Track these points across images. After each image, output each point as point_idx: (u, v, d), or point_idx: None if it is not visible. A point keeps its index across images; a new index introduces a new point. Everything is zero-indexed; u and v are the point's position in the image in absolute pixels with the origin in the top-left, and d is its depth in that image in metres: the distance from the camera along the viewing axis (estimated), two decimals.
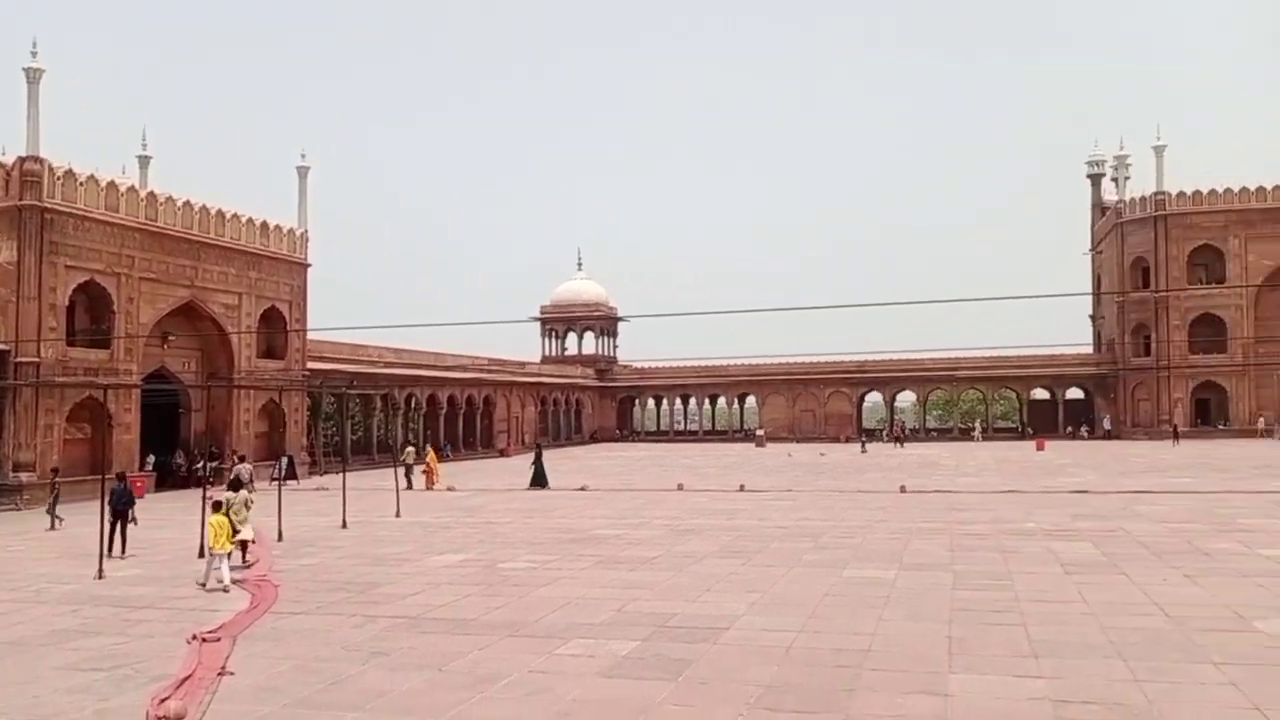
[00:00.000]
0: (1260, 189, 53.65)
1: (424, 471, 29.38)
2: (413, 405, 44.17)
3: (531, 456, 30.66)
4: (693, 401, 68.71)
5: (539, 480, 28.35)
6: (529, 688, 7.65)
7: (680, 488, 26.99)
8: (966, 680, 7.62)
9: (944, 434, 63.99)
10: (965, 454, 42.54)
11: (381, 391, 39.62)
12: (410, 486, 26.93)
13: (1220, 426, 53.00)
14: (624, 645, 8.93)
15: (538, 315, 68.26)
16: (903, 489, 25.18)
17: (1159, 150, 54.33)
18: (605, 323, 68.86)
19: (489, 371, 51.26)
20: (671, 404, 69.48)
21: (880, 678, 7.75)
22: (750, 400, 66.95)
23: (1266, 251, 53.03)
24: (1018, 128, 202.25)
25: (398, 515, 20.48)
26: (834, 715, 6.85)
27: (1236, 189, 54.03)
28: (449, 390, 47.16)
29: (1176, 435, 49.63)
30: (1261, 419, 51.92)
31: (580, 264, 70.75)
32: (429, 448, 33.33)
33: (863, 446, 48.94)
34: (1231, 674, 7.60)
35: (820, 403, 63.12)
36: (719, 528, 17.97)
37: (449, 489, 28.14)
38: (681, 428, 73.06)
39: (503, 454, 49.29)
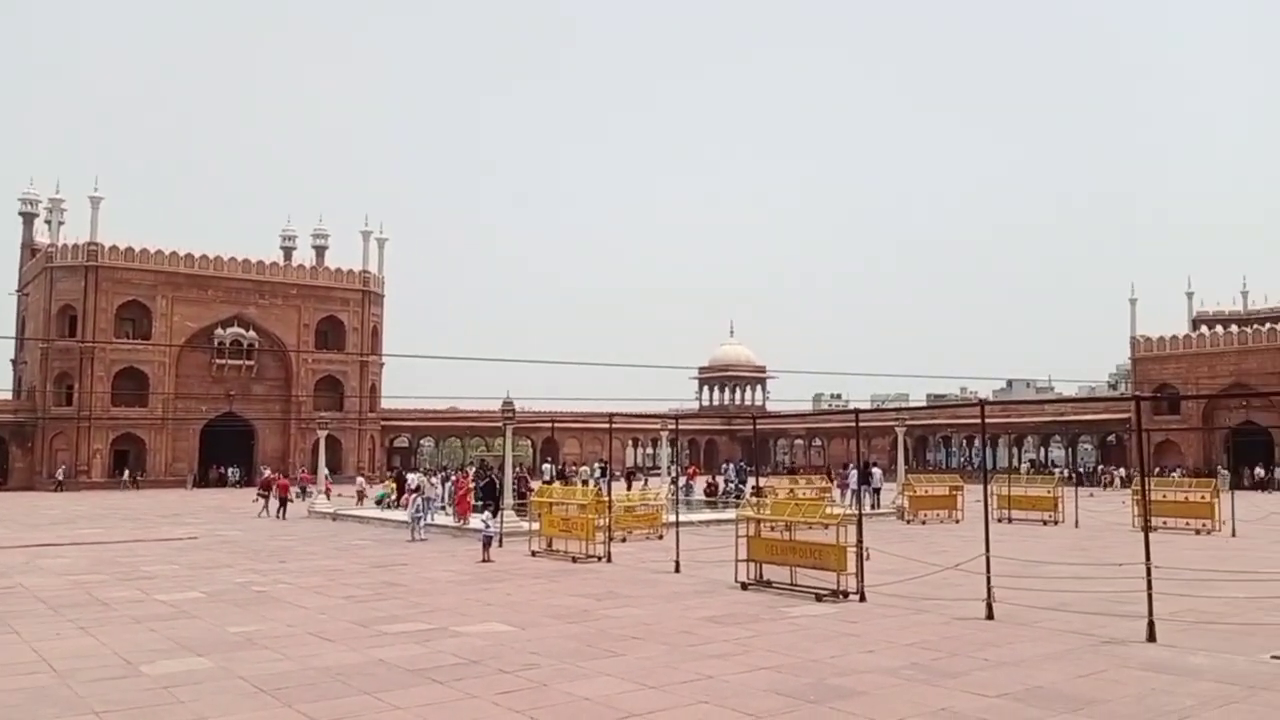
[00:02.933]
0: (189, 255, 57.36)
1: None
2: None
3: None
4: None
5: None
6: None
7: None
8: None
9: None
10: None
11: None
12: None
13: (139, 477, 54.24)
14: None
15: None
16: None
17: (95, 201, 54.37)
18: None
19: None
20: None
21: None
22: None
23: (190, 314, 56.80)
24: None
25: None
26: None
27: (168, 251, 56.87)
28: None
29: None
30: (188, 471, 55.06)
31: None
32: None
33: None
34: (111, 719, 7.64)
35: None
36: None
37: None
38: None
39: None
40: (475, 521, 22.32)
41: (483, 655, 10.04)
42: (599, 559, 18.38)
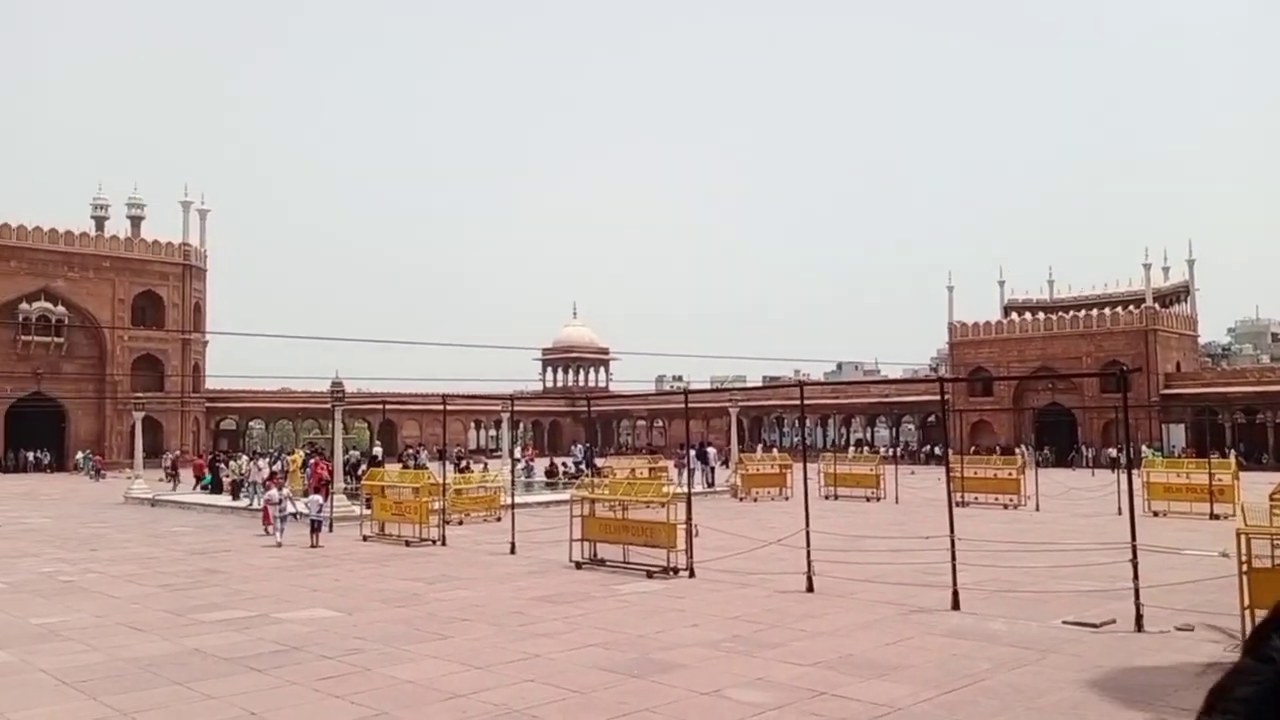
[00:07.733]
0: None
1: None
2: None
3: None
4: None
5: None
6: None
7: None
8: None
9: None
10: None
11: None
12: None
13: None
14: None
15: None
16: None
17: None
18: None
19: None
20: None
21: None
22: None
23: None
24: None
25: None
26: None
27: None
28: None
29: None
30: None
31: None
32: None
33: None
34: None
35: None
36: None
37: None
38: None
39: None
40: (300, 505, 21.18)
41: (304, 641, 9.79)
42: (433, 542, 18.16)
